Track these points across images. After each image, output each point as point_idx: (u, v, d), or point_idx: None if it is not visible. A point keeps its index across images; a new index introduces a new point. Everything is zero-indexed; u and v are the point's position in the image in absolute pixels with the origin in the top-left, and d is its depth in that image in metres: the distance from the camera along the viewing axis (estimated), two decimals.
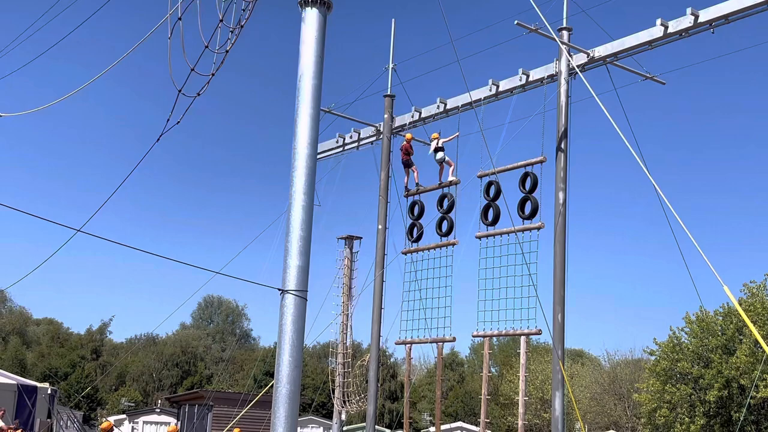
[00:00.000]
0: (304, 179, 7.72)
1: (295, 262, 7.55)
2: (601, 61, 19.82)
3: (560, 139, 19.56)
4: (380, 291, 24.01)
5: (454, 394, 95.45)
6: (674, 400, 58.93)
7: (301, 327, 7.50)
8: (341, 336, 29.98)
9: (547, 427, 70.90)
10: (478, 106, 21.96)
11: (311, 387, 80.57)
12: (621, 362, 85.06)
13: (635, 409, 73.05)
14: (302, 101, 7.87)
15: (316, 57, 7.96)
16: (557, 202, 19.31)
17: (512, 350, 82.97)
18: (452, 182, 22.19)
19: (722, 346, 57.44)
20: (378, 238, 24.17)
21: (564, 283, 19.03)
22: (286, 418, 7.26)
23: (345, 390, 29.53)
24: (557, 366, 18.70)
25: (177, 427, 29.18)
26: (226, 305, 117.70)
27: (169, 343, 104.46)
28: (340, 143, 27.55)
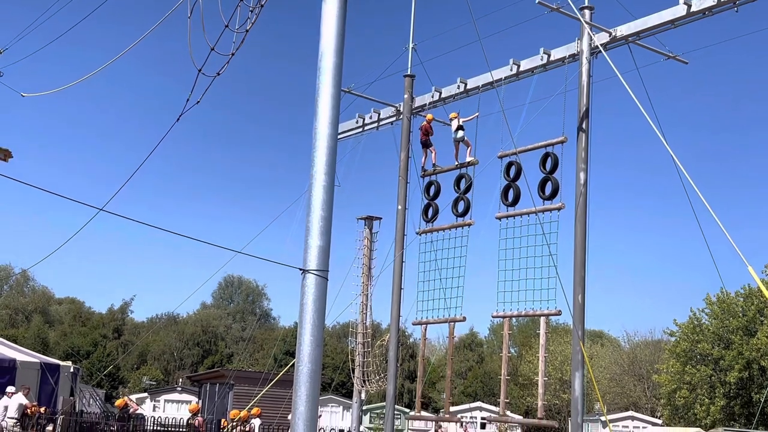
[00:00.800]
0: (325, 159, 7.70)
1: (316, 242, 7.55)
2: (624, 40, 19.62)
3: (581, 119, 19.43)
4: (400, 271, 24.02)
5: (473, 375, 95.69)
6: (694, 381, 58.79)
7: (322, 307, 7.52)
8: (361, 316, 30.07)
9: (566, 408, 70.92)
10: (499, 86, 21.82)
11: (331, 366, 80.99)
12: (641, 343, 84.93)
13: (655, 390, 72.96)
14: (323, 80, 7.84)
15: (337, 35, 7.92)
16: (578, 183, 19.20)
17: (531, 331, 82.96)
18: (470, 162, 22.10)
19: (743, 327, 57.17)
20: (398, 219, 24.15)
21: (584, 264, 18.96)
22: (307, 396, 7.29)
23: (365, 369, 29.65)
24: (577, 347, 18.67)
25: (198, 406, 29.42)
26: (246, 285, 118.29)
27: (189, 323, 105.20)
28: (359, 124, 27.49)
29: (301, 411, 7.28)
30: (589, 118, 19.47)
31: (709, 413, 57.37)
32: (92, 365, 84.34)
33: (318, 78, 7.86)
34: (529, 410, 77.07)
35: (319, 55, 7.91)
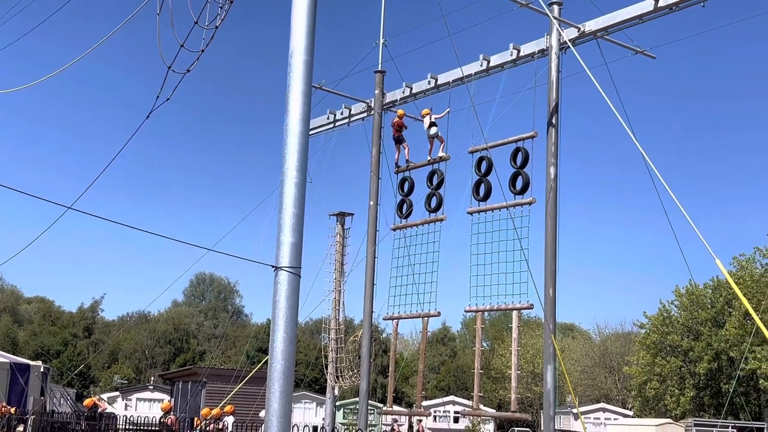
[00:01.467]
0: (296, 156, 7.70)
1: (288, 238, 7.56)
2: (592, 35, 19.77)
3: (551, 114, 19.56)
4: (372, 267, 24.05)
5: (446, 369, 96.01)
6: (664, 372, 59.44)
7: (295, 303, 7.53)
8: (333, 312, 30.04)
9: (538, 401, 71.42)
10: (469, 81, 21.90)
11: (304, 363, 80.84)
12: (611, 335, 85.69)
13: (625, 381, 73.66)
14: (294, 78, 7.83)
15: (308, 33, 7.92)
16: (548, 177, 19.34)
17: (503, 324, 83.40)
18: (442, 158, 22.17)
19: (712, 318, 57.88)
20: (370, 215, 24.17)
21: (555, 258, 19.10)
22: (281, 393, 7.30)
23: (338, 365, 29.65)
24: (549, 340, 18.81)
25: (171, 404, 29.26)
26: (218, 282, 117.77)
27: (161, 321, 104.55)
28: (331, 120, 27.46)
29: (275, 408, 7.29)
30: (558, 113, 19.60)
31: (679, 404, 58.05)
32: (63, 365, 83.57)
33: (289, 75, 7.86)
34: (502, 403, 77.48)
35: (289, 53, 7.91)
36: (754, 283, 51.27)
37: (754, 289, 50.55)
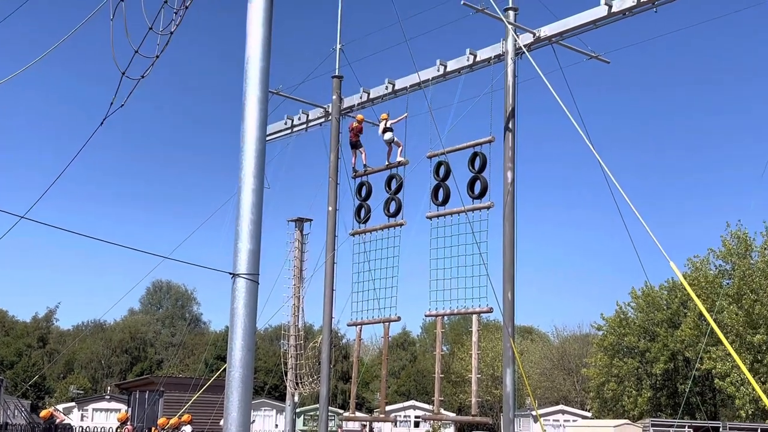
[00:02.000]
0: (253, 162, 7.65)
1: (245, 245, 7.49)
2: (547, 40, 19.94)
3: (508, 118, 19.69)
4: (331, 273, 23.99)
5: (406, 374, 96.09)
6: (622, 373, 60.13)
7: (253, 311, 7.46)
8: (293, 318, 29.93)
9: (498, 404, 71.75)
10: (427, 86, 21.97)
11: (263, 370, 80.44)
12: (569, 338, 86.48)
13: (584, 383, 74.36)
14: (250, 84, 7.78)
15: (264, 38, 7.87)
16: (506, 182, 19.46)
17: (463, 328, 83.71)
18: (400, 163, 22.19)
19: (667, 319, 58.72)
20: (328, 220, 24.11)
21: (514, 262, 19.21)
22: (239, 402, 7.23)
23: (298, 372, 29.53)
24: (508, 343, 18.90)
25: (127, 414, 28.91)
26: (175, 290, 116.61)
27: (117, 330, 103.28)
28: (288, 125, 27.36)
29: (234, 416, 7.22)
30: (515, 118, 19.74)
31: (636, 405, 58.76)
32: (17, 375, 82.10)
33: (245, 81, 7.80)
34: (462, 407, 77.74)
35: (245, 59, 7.86)
36: (708, 284, 52.08)
37: (708, 290, 51.35)
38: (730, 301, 50.24)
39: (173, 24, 9.38)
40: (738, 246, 52.66)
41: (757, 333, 48.08)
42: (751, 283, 49.53)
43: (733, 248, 52.89)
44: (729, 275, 53.35)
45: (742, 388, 48.26)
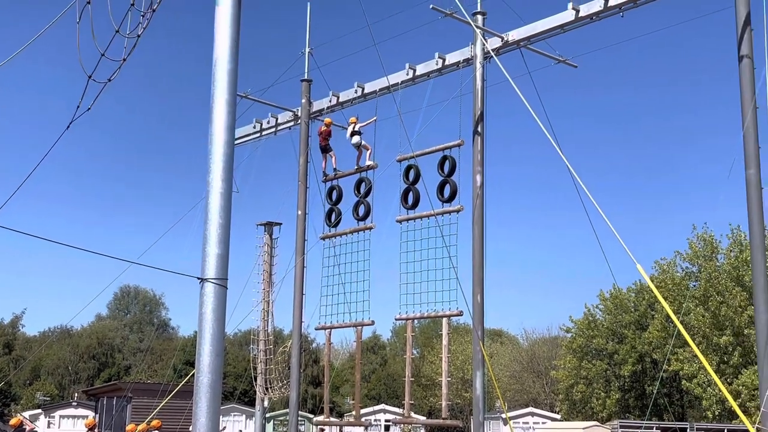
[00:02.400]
0: (221, 166, 7.61)
1: (214, 250, 7.45)
2: (515, 45, 20.07)
3: (476, 122, 19.78)
4: (301, 277, 23.95)
5: (376, 377, 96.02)
6: (590, 375, 60.54)
7: (222, 316, 7.42)
8: (262, 323, 29.80)
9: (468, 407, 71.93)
10: (396, 90, 22.02)
11: (233, 375, 79.98)
12: (539, 340, 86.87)
13: (553, 385, 74.76)
14: (218, 87, 7.75)
15: (232, 41, 7.84)
16: (475, 185, 19.54)
17: (433, 332, 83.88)
18: (369, 167, 22.20)
19: (635, 321, 59.22)
20: (298, 224, 24.09)
21: (483, 265, 19.29)
22: (208, 407, 7.18)
23: (267, 377, 29.40)
24: (477, 346, 18.97)
25: (95, 420, 28.60)
26: (143, 295, 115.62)
27: (84, 335, 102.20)
28: (257, 129, 27.29)
29: (202, 422, 7.17)
30: (484, 122, 19.83)
31: (605, 407, 59.17)
32: None
33: (213, 84, 7.76)
34: (433, 410, 77.84)
35: (213, 61, 7.82)
36: (675, 287, 52.61)
37: (675, 293, 51.86)
38: (697, 303, 50.79)
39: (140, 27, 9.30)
40: (704, 248, 53.26)
41: (723, 334, 48.65)
42: (717, 285, 50.10)
43: (700, 250, 53.49)
44: (695, 277, 53.95)
45: (709, 389, 48.79)
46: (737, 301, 48.09)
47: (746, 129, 15.69)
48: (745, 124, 15.73)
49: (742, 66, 16.06)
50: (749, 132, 15.70)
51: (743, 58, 16.04)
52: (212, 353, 7.26)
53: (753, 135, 15.73)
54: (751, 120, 15.71)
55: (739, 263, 49.09)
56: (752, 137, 15.71)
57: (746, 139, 15.74)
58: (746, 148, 15.75)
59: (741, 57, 16.07)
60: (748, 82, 15.93)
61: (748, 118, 15.69)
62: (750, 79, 15.92)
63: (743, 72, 16.01)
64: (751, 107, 15.74)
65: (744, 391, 45.86)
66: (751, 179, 15.64)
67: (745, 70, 15.99)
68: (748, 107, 15.77)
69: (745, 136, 15.73)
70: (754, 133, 15.74)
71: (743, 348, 48.27)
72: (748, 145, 15.73)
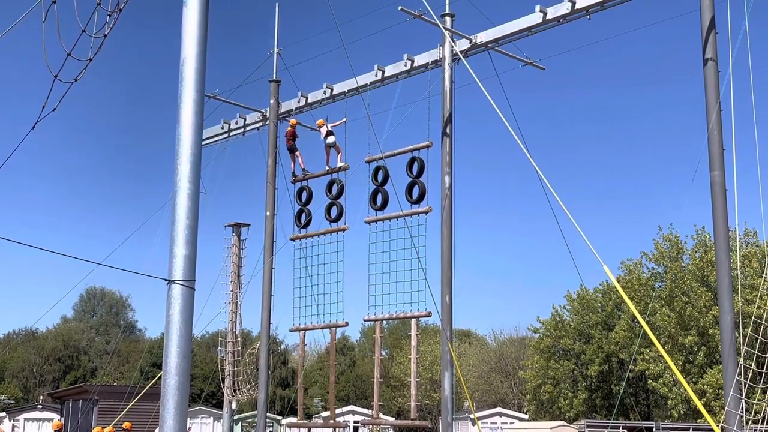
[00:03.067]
0: (189, 166, 7.55)
1: (181, 251, 7.40)
2: (484, 47, 20.16)
3: (445, 124, 19.84)
4: (269, 278, 23.87)
5: (345, 379, 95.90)
6: (558, 375, 60.94)
7: (189, 317, 7.37)
8: (230, 324, 29.67)
9: (437, 407, 72.07)
10: (365, 91, 22.02)
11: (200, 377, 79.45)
12: (507, 341, 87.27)
13: (521, 385, 75.15)
14: (185, 86, 7.69)
15: (199, 40, 7.79)
16: (443, 186, 19.60)
17: (402, 333, 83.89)
18: (341, 168, 22.18)
19: (602, 322, 59.72)
20: (266, 225, 24.01)
21: (452, 266, 19.35)
22: (175, 409, 7.13)
23: (235, 379, 29.27)
24: (446, 347, 19.03)
25: (61, 423, 28.31)
26: (109, 296, 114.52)
27: (49, 337, 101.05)
28: (225, 129, 27.17)
29: (170, 424, 7.12)
30: (452, 123, 19.90)
31: (572, 406, 59.58)
32: None
33: (180, 83, 7.71)
34: (401, 411, 77.92)
35: (181, 60, 7.77)
36: (642, 287, 53.12)
37: (641, 293, 52.37)
38: (663, 303, 51.33)
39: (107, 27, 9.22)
40: (670, 249, 53.85)
41: (689, 334, 49.20)
42: (682, 286, 50.67)
43: (665, 251, 54.07)
44: (661, 278, 54.53)
45: (675, 389, 49.32)
46: (702, 301, 48.67)
47: (711, 131, 15.89)
48: (709, 126, 15.92)
49: (706, 69, 16.26)
50: (713, 134, 15.90)
51: (708, 61, 16.24)
52: (179, 355, 7.21)
53: (717, 137, 15.93)
54: (715, 122, 15.91)
55: (704, 264, 49.68)
56: (716, 139, 15.91)
57: (711, 141, 15.93)
58: (711, 150, 15.95)
59: (706, 60, 16.28)
60: (712, 85, 16.13)
61: (713, 121, 15.89)
62: (714, 82, 16.13)
63: (708, 75, 16.22)
64: (715, 110, 15.94)
65: (709, 390, 46.40)
66: (716, 180, 15.84)
67: (710, 73, 16.20)
68: (712, 110, 15.97)
69: (710, 139, 15.93)
70: (718, 136, 15.94)
71: (708, 348, 48.85)
72: (712, 147, 15.93)
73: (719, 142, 15.93)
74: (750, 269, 45.65)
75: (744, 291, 40.01)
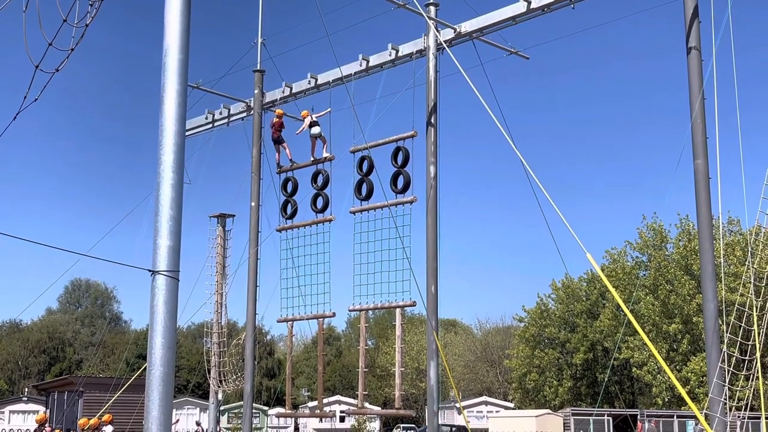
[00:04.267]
0: (172, 157, 7.53)
1: (165, 242, 7.37)
2: (468, 36, 20.13)
3: (430, 113, 19.83)
4: (255, 269, 23.82)
5: (331, 369, 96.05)
6: (543, 364, 61.26)
7: (174, 308, 7.35)
8: (216, 315, 29.63)
9: (423, 397, 72.28)
10: (349, 81, 21.96)
11: (186, 368, 79.44)
12: (492, 330, 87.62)
13: (506, 374, 75.49)
14: (168, 77, 7.65)
15: (182, 31, 7.75)
16: (428, 176, 19.61)
17: (388, 322, 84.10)
18: (327, 158, 22.12)
19: (587, 310, 60.05)
20: (251, 216, 23.93)
21: (437, 256, 19.37)
22: (160, 400, 7.12)
23: (221, 369, 29.25)
24: (431, 336, 19.06)
25: (46, 415, 28.20)
26: (94, 288, 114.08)
27: (34, 329, 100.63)
28: (209, 120, 27.05)
29: (155, 415, 7.11)
30: (437, 113, 19.88)
31: (557, 395, 59.92)
32: None
33: (163, 74, 7.67)
34: (387, 401, 78.10)
35: (164, 50, 7.73)
36: (626, 276, 53.42)
37: (625, 281, 52.66)
38: (647, 291, 51.64)
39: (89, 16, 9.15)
40: (654, 238, 54.14)
41: (672, 322, 49.53)
42: (666, 274, 50.98)
43: (649, 240, 54.37)
44: (645, 266, 54.87)
45: (659, 376, 49.67)
46: (686, 289, 48.99)
47: (694, 119, 15.95)
48: (693, 114, 15.98)
49: (690, 57, 16.31)
50: (697, 123, 15.96)
51: (691, 50, 16.29)
52: (164, 346, 7.20)
53: (700, 125, 15.99)
54: (698, 111, 15.97)
55: (687, 252, 49.99)
56: (699, 128, 15.98)
57: (694, 129, 15.99)
58: (694, 138, 16.01)
59: (689, 48, 16.33)
60: (696, 73, 16.19)
61: (696, 109, 15.95)
62: (698, 71, 16.18)
63: (691, 63, 16.27)
64: (698, 98, 16.00)
65: (693, 377, 46.76)
66: (699, 169, 15.91)
67: (694, 62, 16.25)
68: (696, 98, 16.02)
69: (693, 127, 15.99)
70: (701, 124, 16.00)
71: (692, 336, 49.21)
72: (695, 136, 15.99)
73: (702, 131, 16.00)
74: (733, 257, 45.99)
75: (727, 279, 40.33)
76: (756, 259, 24.64)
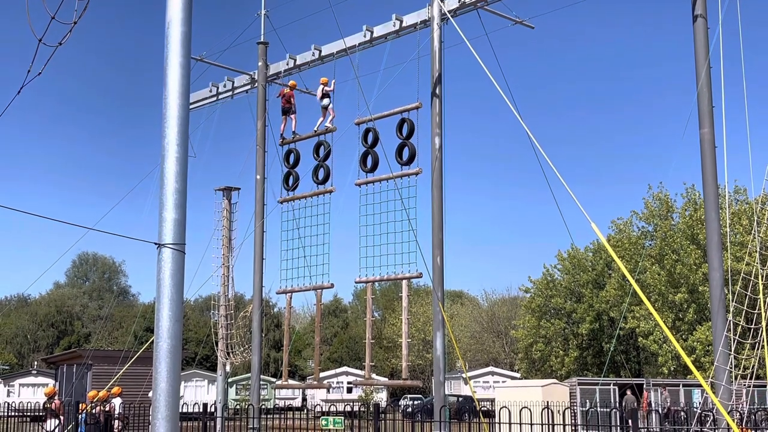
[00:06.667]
0: (176, 130, 7.52)
1: (171, 215, 7.39)
2: (472, 5, 19.99)
3: (435, 84, 19.74)
4: (261, 241, 23.88)
5: (338, 340, 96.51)
6: (549, 334, 61.44)
7: (180, 281, 7.38)
8: (222, 288, 29.74)
9: (429, 367, 72.65)
10: (353, 52, 21.87)
11: (194, 341, 79.85)
12: (498, 301, 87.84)
13: (513, 345, 75.78)
14: (171, 50, 7.62)
15: (185, 2, 7.71)
16: (434, 148, 19.57)
17: (394, 294, 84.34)
18: (328, 129, 22.09)
19: (593, 281, 60.09)
20: (257, 189, 23.95)
21: (442, 227, 19.38)
22: (167, 372, 7.17)
23: (229, 342, 29.41)
24: (437, 307, 19.13)
25: (55, 388, 28.43)
26: (101, 262, 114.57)
27: (43, 303, 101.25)
28: (213, 92, 26.98)
29: (162, 387, 7.16)
30: (442, 84, 19.80)
31: (563, 365, 60.14)
32: None
33: (166, 47, 7.64)
34: (394, 372, 78.55)
35: (166, 23, 7.69)
36: (632, 245, 53.40)
37: (631, 251, 52.64)
38: (653, 261, 51.63)
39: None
40: (660, 208, 54.05)
41: (678, 292, 49.56)
42: (672, 244, 50.95)
43: (655, 210, 54.28)
44: (651, 236, 54.82)
45: (665, 346, 49.79)
46: (692, 259, 48.98)
47: (700, 88, 15.87)
48: (699, 83, 15.90)
49: (696, 26, 16.20)
50: (703, 92, 15.89)
51: (697, 18, 16.17)
52: (171, 318, 7.24)
53: (707, 94, 15.92)
54: (704, 79, 15.89)
55: (693, 222, 49.91)
56: (706, 97, 15.90)
57: (700, 98, 15.93)
58: (700, 107, 15.95)
59: (695, 17, 16.21)
60: (702, 42, 16.09)
61: (702, 78, 15.87)
62: (704, 39, 16.08)
63: (697, 32, 16.16)
64: (704, 67, 15.91)
65: (698, 346, 46.88)
66: (705, 138, 15.86)
67: (699, 30, 16.14)
68: (702, 67, 15.94)
69: (699, 96, 15.92)
70: (707, 93, 15.93)
71: (698, 305, 49.26)
72: (701, 105, 15.93)
73: (709, 100, 15.93)
74: (739, 226, 45.92)
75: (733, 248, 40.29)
76: (762, 228, 24.62)
